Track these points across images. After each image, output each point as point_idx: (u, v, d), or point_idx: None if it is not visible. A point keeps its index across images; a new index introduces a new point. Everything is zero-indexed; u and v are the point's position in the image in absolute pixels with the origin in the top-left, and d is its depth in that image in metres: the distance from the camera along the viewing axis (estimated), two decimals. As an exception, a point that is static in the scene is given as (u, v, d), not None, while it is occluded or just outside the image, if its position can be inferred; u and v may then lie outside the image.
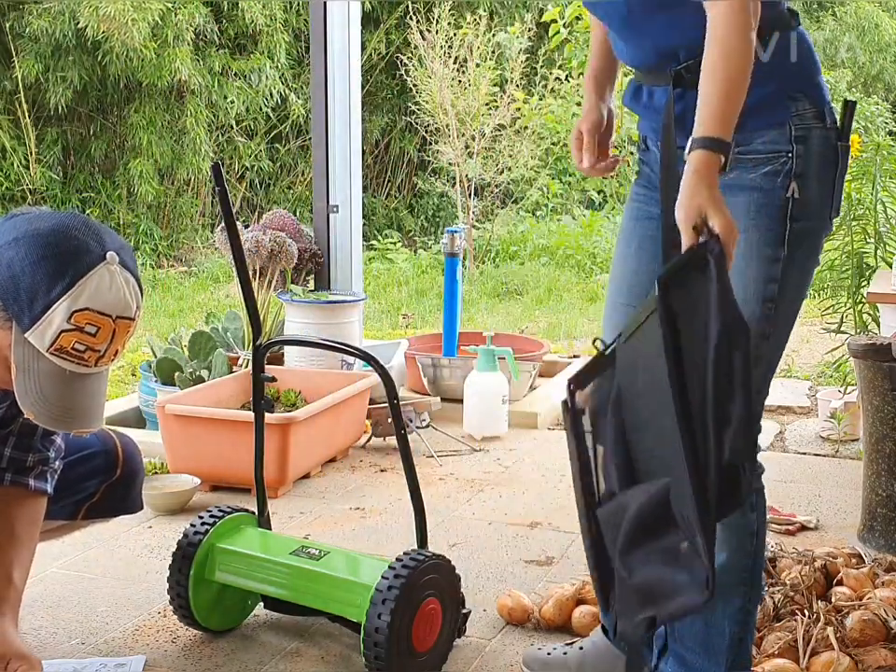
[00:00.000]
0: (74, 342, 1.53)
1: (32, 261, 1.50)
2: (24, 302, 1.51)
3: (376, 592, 1.88)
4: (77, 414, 1.61)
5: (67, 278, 1.51)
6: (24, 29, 7.97)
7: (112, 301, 1.54)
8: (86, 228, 1.56)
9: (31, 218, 1.55)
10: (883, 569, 2.35)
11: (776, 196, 1.67)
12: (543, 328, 6.14)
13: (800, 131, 1.67)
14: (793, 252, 1.68)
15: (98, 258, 1.54)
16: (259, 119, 8.96)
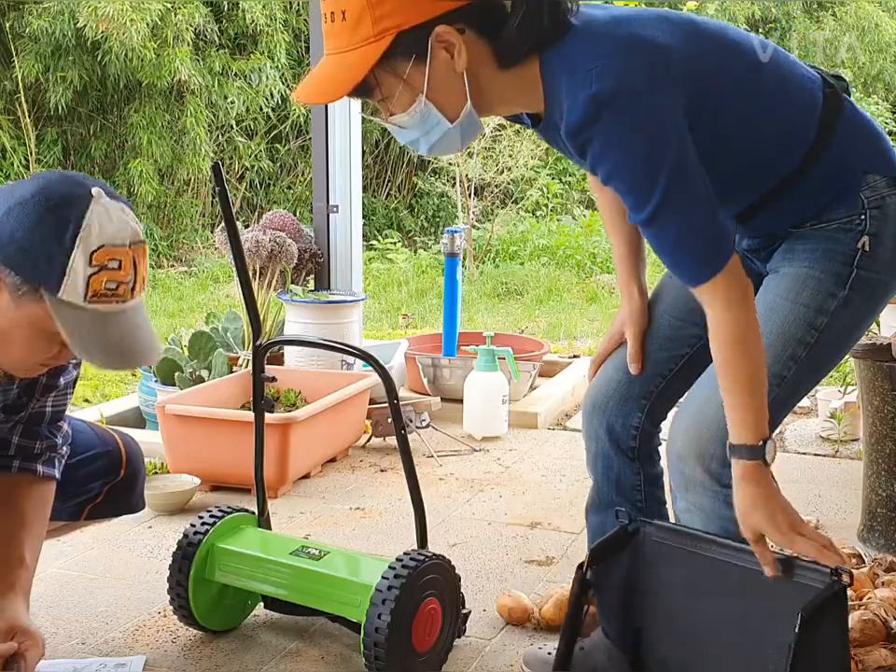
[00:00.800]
0: (104, 281, 1.53)
1: (32, 225, 1.50)
2: (43, 266, 1.50)
3: (376, 592, 1.88)
4: (137, 349, 1.61)
5: (70, 226, 1.50)
6: (24, 29, 7.98)
7: (119, 231, 1.55)
8: (62, 178, 1.57)
9: (8, 191, 1.55)
10: (883, 569, 2.35)
11: (846, 245, 1.67)
12: (543, 328, 6.15)
13: (873, 202, 1.67)
14: (853, 295, 1.67)
15: (87, 197, 1.53)
16: (259, 119, 8.96)
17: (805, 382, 1.73)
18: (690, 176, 1.52)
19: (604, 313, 6.59)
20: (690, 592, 1.73)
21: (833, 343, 1.70)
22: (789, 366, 1.67)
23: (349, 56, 1.54)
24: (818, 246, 1.68)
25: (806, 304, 1.67)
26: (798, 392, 1.73)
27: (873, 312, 1.74)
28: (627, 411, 1.87)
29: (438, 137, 1.61)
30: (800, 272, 1.68)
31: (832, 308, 1.67)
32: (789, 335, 1.66)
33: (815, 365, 1.70)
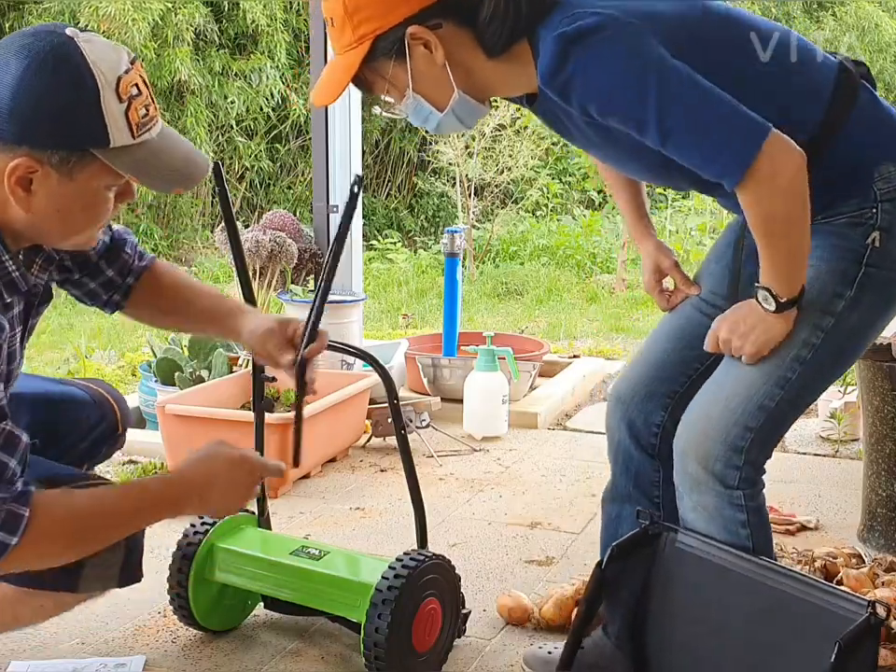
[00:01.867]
0: (138, 110, 1.49)
1: (48, 96, 1.42)
2: (84, 127, 1.45)
3: (376, 592, 1.88)
4: (195, 158, 1.60)
5: (84, 74, 1.44)
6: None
7: (119, 57, 1.48)
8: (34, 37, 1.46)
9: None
10: (883, 569, 2.35)
11: (855, 242, 1.63)
12: (543, 328, 6.15)
13: (886, 194, 1.63)
14: (861, 295, 1.64)
15: (71, 42, 1.45)
16: (259, 119, 8.96)
17: (812, 384, 1.70)
18: (684, 80, 1.50)
19: (604, 313, 6.59)
20: (710, 604, 1.72)
21: (840, 345, 1.67)
22: (793, 368, 1.65)
23: (340, 60, 1.64)
24: (825, 243, 1.64)
25: (813, 304, 1.63)
26: (805, 396, 1.71)
27: (886, 312, 1.70)
28: (651, 408, 1.88)
29: (436, 123, 1.69)
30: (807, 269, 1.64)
31: (838, 309, 1.63)
32: (794, 335, 1.64)
33: (821, 367, 1.68)
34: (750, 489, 1.70)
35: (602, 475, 3.28)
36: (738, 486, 1.68)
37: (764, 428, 1.67)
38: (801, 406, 1.72)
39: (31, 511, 1.49)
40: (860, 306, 1.64)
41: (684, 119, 1.51)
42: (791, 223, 1.54)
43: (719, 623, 1.71)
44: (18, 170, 1.44)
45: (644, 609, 1.81)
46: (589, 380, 4.44)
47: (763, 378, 1.66)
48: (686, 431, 1.73)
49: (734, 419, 1.67)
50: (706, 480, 1.69)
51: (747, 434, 1.66)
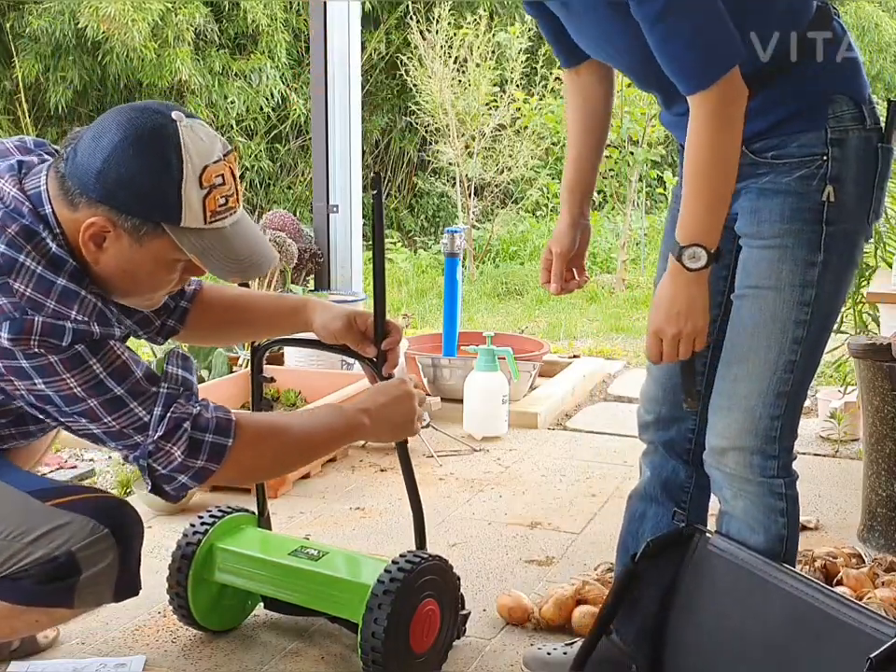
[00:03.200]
0: (216, 199, 1.57)
1: (136, 168, 1.52)
2: (160, 203, 1.54)
3: (372, 594, 1.88)
4: (262, 252, 1.67)
5: (173, 158, 1.53)
6: (24, 29, 7.98)
7: (212, 147, 1.58)
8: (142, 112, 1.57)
9: (94, 137, 1.55)
10: (883, 569, 2.35)
11: (811, 200, 1.64)
12: (543, 328, 6.14)
13: (836, 133, 1.63)
14: (830, 256, 1.66)
15: (173, 124, 1.55)
16: (259, 119, 8.95)
17: (814, 356, 1.75)
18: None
19: (604, 313, 6.59)
20: (734, 609, 1.72)
21: (826, 312, 1.71)
22: (794, 349, 1.69)
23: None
24: (783, 206, 1.66)
25: (791, 283, 1.67)
26: (811, 368, 1.75)
27: (851, 265, 1.72)
28: (678, 416, 1.91)
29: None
30: (773, 251, 1.67)
31: (815, 278, 1.66)
32: (785, 320, 1.68)
33: (818, 339, 1.72)
34: (789, 477, 1.75)
35: (602, 475, 3.29)
36: (778, 475, 1.74)
37: (788, 412, 1.72)
38: (812, 374, 1.76)
39: (236, 418, 1.67)
40: (831, 266, 1.67)
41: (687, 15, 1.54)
42: (729, 167, 1.58)
43: (741, 629, 1.71)
44: (94, 227, 1.54)
45: (666, 608, 1.81)
46: (589, 380, 4.44)
47: (771, 368, 1.69)
48: (718, 436, 1.76)
49: (758, 413, 1.71)
50: (746, 474, 1.74)
51: (775, 423, 1.71)
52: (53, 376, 1.52)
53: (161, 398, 1.60)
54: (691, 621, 1.79)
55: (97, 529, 1.62)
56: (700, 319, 1.65)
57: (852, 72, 1.68)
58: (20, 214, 1.55)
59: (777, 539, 1.76)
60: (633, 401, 4.09)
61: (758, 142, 1.66)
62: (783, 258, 1.66)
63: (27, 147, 1.71)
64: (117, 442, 1.61)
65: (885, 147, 1.67)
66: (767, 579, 1.69)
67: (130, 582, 1.71)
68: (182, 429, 1.60)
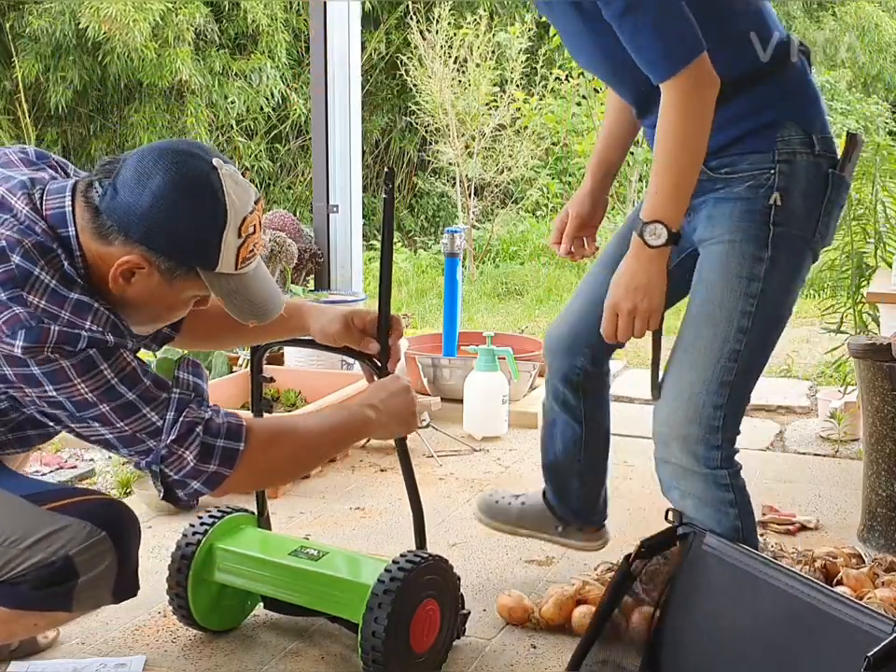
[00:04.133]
0: (248, 247, 1.63)
1: (182, 213, 1.56)
2: (201, 250, 1.58)
3: (372, 594, 1.88)
4: (272, 300, 1.72)
5: (218, 206, 1.57)
6: (24, 29, 7.98)
7: (247, 197, 1.62)
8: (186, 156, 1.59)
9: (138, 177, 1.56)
10: (883, 569, 2.35)
11: (759, 204, 1.76)
12: (543, 328, 6.14)
13: (784, 155, 1.76)
14: (777, 254, 1.76)
15: (214, 173, 1.58)
16: (259, 119, 8.96)
17: (761, 349, 1.82)
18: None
19: (604, 313, 6.58)
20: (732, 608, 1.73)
21: (774, 306, 1.79)
22: (739, 339, 1.78)
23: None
24: (733, 209, 1.78)
25: (738, 275, 1.77)
26: (757, 359, 1.83)
27: (798, 272, 1.82)
28: (573, 356, 2.19)
29: None
30: (723, 245, 1.79)
31: (762, 273, 1.76)
32: (731, 309, 1.77)
33: (763, 331, 1.80)
34: (732, 468, 1.82)
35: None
36: (721, 466, 1.81)
37: (732, 402, 1.80)
38: (757, 371, 1.84)
39: (247, 423, 1.70)
40: (778, 265, 1.77)
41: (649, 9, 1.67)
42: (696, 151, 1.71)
43: (738, 628, 1.71)
44: (128, 264, 1.57)
45: (663, 608, 1.82)
46: (589, 380, 4.43)
47: (716, 356, 1.79)
48: (662, 423, 1.85)
49: (702, 401, 1.79)
50: (690, 464, 1.81)
51: (718, 413, 1.79)
52: (64, 382, 1.53)
53: (173, 402, 1.62)
54: (688, 620, 1.79)
55: (94, 533, 1.62)
56: (656, 297, 1.76)
57: (807, 102, 1.81)
58: (33, 231, 1.56)
59: (732, 530, 1.82)
60: (633, 401, 4.10)
61: (714, 160, 1.79)
62: (731, 251, 1.78)
63: (30, 160, 1.72)
64: (129, 448, 1.61)
65: (835, 175, 1.79)
66: (761, 577, 1.70)
67: (128, 584, 1.70)
68: (194, 434, 1.62)
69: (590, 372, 2.22)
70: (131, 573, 1.71)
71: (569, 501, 2.38)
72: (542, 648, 2.14)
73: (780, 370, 4.82)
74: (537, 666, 2.07)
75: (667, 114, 1.69)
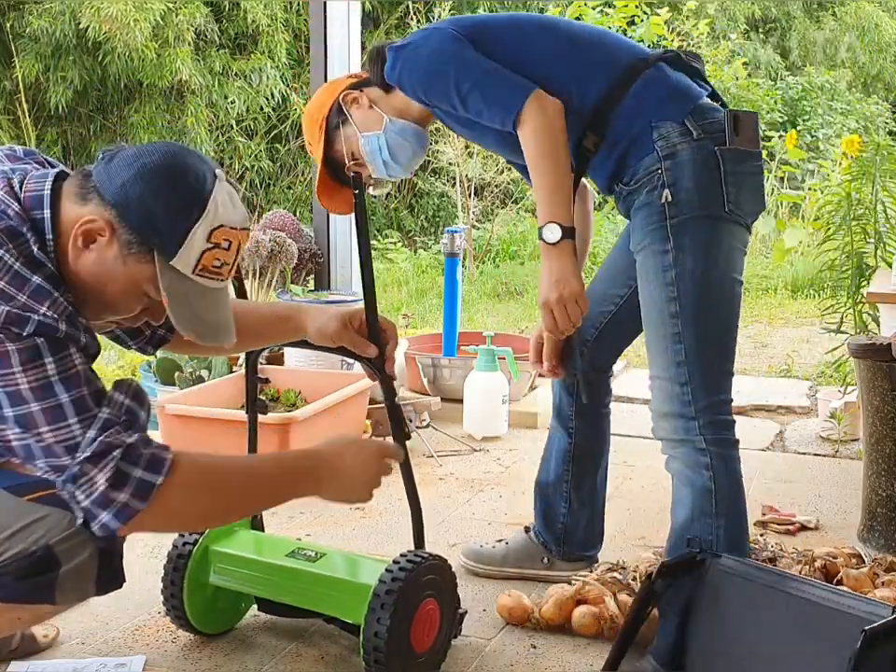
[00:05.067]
0: (213, 259, 1.60)
1: (161, 192, 1.55)
2: (164, 232, 1.56)
3: (374, 595, 1.88)
4: (222, 327, 1.68)
5: (199, 201, 1.56)
6: (24, 29, 7.98)
7: (237, 214, 1.62)
8: (187, 152, 1.62)
9: (136, 154, 1.58)
10: (883, 569, 2.35)
11: (654, 205, 1.99)
12: (543, 328, 6.14)
13: (666, 150, 1.98)
14: (680, 241, 1.97)
15: (212, 176, 1.59)
16: (259, 119, 8.96)
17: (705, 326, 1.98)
18: (473, 64, 2.00)
19: (604, 313, 6.58)
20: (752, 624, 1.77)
21: (696, 285, 1.97)
22: (674, 323, 1.98)
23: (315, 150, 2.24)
24: (640, 218, 2.02)
25: (655, 272, 2.00)
26: (702, 340, 1.98)
27: (717, 240, 1.98)
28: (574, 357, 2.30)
29: (386, 146, 2.19)
30: (641, 253, 2.03)
31: (669, 260, 1.97)
32: (658, 300, 2.00)
33: (698, 311, 1.97)
34: (713, 435, 1.98)
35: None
36: (700, 433, 1.98)
37: (694, 379, 1.98)
38: (714, 345, 2.00)
39: (173, 457, 1.57)
40: (684, 248, 1.97)
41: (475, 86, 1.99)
42: (555, 157, 1.95)
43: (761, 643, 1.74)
44: (92, 224, 1.55)
45: (687, 630, 1.87)
46: (589, 380, 4.43)
47: (663, 344, 2.00)
48: (652, 407, 2.06)
49: (668, 384, 2.00)
50: (672, 435, 2.02)
51: (685, 389, 1.98)
52: (5, 368, 1.48)
53: (98, 420, 1.52)
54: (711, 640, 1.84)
55: (74, 521, 1.58)
56: (574, 282, 1.97)
57: (664, 101, 2.01)
58: (5, 215, 1.54)
59: (704, 490, 1.99)
60: (633, 401, 4.10)
61: (623, 178, 2.05)
62: (646, 255, 2.02)
63: (17, 156, 1.72)
64: (45, 460, 1.52)
65: (724, 150, 1.97)
66: (778, 588, 1.75)
67: (112, 575, 1.68)
68: (110, 456, 1.51)
69: (589, 376, 2.32)
70: (115, 564, 1.68)
71: (553, 527, 2.43)
72: (542, 648, 2.14)
73: (780, 370, 4.82)
74: (537, 666, 2.07)
75: (526, 141, 1.97)
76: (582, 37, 2.09)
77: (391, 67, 2.09)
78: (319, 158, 2.23)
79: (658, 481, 3.18)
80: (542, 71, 2.02)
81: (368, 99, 2.19)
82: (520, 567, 2.46)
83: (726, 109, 2.01)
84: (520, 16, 2.21)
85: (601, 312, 2.29)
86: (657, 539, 2.71)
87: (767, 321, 6.40)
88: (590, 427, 2.40)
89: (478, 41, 2.05)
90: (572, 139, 2.01)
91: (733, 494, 2.01)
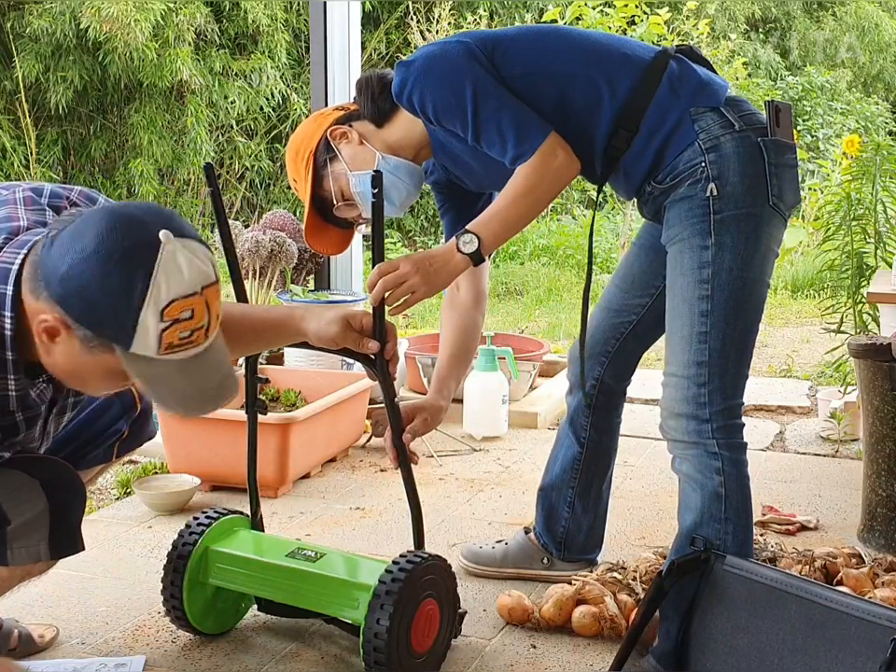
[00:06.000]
0: (178, 333, 1.48)
1: (99, 281, 1.43)
2: (113, 323, 1.46)
3: (374, 595, 1.88)
4: (216, 389, 1.60)
5: (139, 281, 1.44)
6: (24, 29, 7.98)
7: (189, 280, 1.48)
8: (130, 220, 1.48)
9: (72, 236, 1.47)
10: (883, 569, 2.35)
11: (697, 198, 1.92)
12: (543, 328, 6.15)
13: (708, 143, 1.91)
14: (722, 238, 1.90)
15: (154, 245, 1.45)
16: (259, 119, 8.96)
17: (732, 328, 1.92)
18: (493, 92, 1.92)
19: (604, 313, 6.59)
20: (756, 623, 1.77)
21: (732, 284, 1.91)
22: (703, 321, 1.92)
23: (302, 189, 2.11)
24: (680, 211, 1.95)
25: (690, 266, 1.93)
26: (729, 342, 1.92)
27: (756, 241, 1.93)
28: (591, 364, 2.31)
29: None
30: (676, 245, 1.95)
31: (708, 257, 1.91)
32: (689, 297, 1.93)
33: (728, 311, 1.91)
34: (725, 439, 1.93)
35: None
36: (713, 437, 1.93)
37: (713, 381, 1.92)
38: (737, 345, 1.95)
39: None
40: (725, 246, 1.90)
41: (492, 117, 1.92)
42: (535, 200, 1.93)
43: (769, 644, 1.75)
44: (46, 324, 1.48)
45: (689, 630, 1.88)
46: (589, 380, 4.44)
47: (687, 341, 1.94)
48: (662, 406, 2.01)
49: (685, 383, 1.94)
50: (684, 437, 1.96)
51: (702, 391, 1.92)
52: None
53: None
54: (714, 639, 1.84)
55: (25, 480, 1.58)
56: (433, 285, 1.91)
57: (697, 92, 1.96)
58: None
59: (714, 495, 1.94)
60: (633, 401, 4.09)
61: (658, 175, 1.97)
62: (682, 249, 1.94)
63: (35, 200, 1.64)
64: None
65: (767, 141, 1.92)
66: (783, 589, 1.75)
67: (68, 539, 1.67)
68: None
69: (606, 385, 2.33)
70: (71, 528, 1.66)
71: (555, 531, 2.42)
72: (542, 648, 2.14)
73: (780, 370, 4.82)
74: (536, 666, 2.07)
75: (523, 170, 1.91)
76: (598, 39, 2.04)
77: (399, 85, 1.97)
78: (307, 197, 2.09)
79: (658, 481, 3.19)
80: (570, 70, 1.97)
81: (358, 134, 2.07)
82: (519, 568, 2.45)
83: (767, 100, 1.97)
84: (529, 27, 2.15)
85: (622, 323, 2.27)
86: (657, 539, 2.71)
87: (767, 321, 6.40)
88: (602, 439, 2.39)
89: (496, 53, 1.96)
90: (600, 139, 1.97)
91: (742, 498, 1.96)
